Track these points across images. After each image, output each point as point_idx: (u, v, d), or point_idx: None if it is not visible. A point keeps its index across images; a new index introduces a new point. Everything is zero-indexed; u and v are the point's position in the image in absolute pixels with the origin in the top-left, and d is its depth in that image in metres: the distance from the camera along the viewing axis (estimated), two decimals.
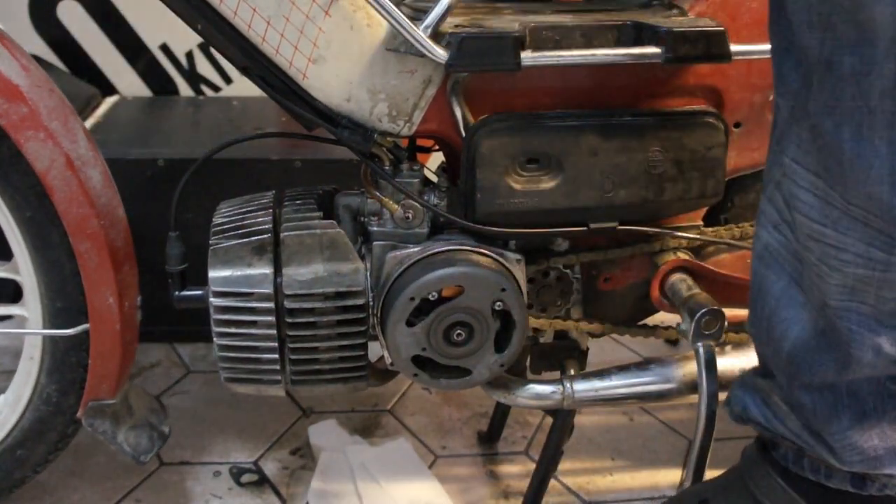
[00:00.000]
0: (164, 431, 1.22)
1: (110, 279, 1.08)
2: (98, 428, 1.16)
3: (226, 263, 1.02)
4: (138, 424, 1.19)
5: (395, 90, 0.99)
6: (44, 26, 1.70)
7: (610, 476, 1.41)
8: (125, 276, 1.10)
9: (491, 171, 1.00)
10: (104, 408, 1.16)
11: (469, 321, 1.02)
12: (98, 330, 1.10)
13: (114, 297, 1.09)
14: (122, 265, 1.10)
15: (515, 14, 1.06)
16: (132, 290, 1.12)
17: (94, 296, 1.08)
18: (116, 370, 1.13)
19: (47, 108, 1.03)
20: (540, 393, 1.11)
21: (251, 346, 1.04)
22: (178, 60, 1.74)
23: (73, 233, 1.05)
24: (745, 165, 1.11)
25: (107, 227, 1.07)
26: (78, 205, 1.04)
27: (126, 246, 1.11)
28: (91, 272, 1.07)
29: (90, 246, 1.06)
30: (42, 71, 1.07)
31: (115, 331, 1.10)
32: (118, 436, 1.17)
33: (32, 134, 1.01)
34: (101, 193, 1.07)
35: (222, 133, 1.59)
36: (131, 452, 1.18)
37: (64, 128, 1.04)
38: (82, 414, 1.15)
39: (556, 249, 1.10)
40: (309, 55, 0.96)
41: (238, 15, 0.94)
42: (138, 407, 1.21)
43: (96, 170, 1.07)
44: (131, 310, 1.12)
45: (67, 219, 1.05)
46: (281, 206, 1.08)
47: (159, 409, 1.24)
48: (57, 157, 1.03)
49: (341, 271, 1.02)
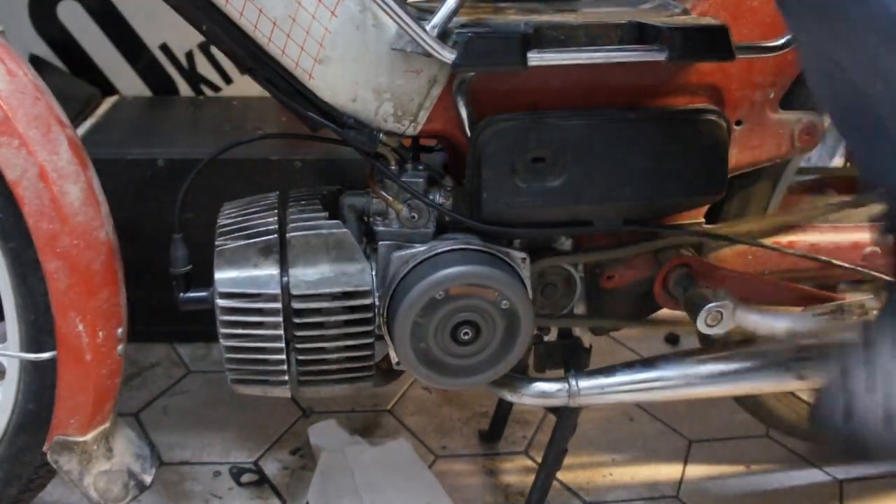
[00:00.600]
0: (145, 481, 1.12)
1: (82, 305, 1.01)
2: (63, 466, 1.07)
3: (232, 264, 1.02)
4: (114, 469, 1.10)
5: (401, 90, 0.99)
6: (44, 26, 1.70)
7: (610, 475, 1.41)
8: (102, 304, 1.03)
9: (496, 171, 1.00)
10: (72, 445, 1.07)
11: (475, 320, 1.02)
12: (66, 358, 1.03)
13: (84, 324, 1.01)
14: (99, 291, 1.02)
15: (519, 13, 1.07)
16: (111, 320, 1.04)
17: (62, 321, 1.01)
18: (89, 405, 1.05)
19: (27, 115, 0.98)
20: (546, 391, 1.12)
21: (258, 348, 1.03)
22: (178, 60, 1.73)
23: (42, 249, 0.99)
24: (746, 163, 1.12)
25: (81, 247, 1.00)
26: (49, 220, 0.98)
27: (106, 270, 1.03)
28: (59, 294, 1.00)
29: (59, 265, 0.99)
30: (33, 77, 1.02)
31: (85, 361, 1.03)
32: (85, 478, 1.08)
33: (5, 140, 0.96)
34: (79, 211, 1.00)
35: (222, 133, 1.59)
36: (97, 499, 1.09)
37: (44, 137, 0.98)
38: (47, 448, 1.07)
39: (560, 248, 1.10)
40: (315, 56, 0.96)
41: (244, 16, 0.94)
42: (121, 451, 1.12)
43: (77, 185, 1.00)
44: (108, 341, 1.04)
45: (36, 234, 0.99)
46: (286, 206, 1.08)
47: (147, 456, 1.14)
48: (30, 167, 0.97)
49: (348, 271, 1.02)
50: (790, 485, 1.41)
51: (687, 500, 1.37)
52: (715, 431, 1.52)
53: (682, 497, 1.37)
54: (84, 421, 1.07)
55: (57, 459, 1.08)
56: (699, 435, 1.51)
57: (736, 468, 1.44)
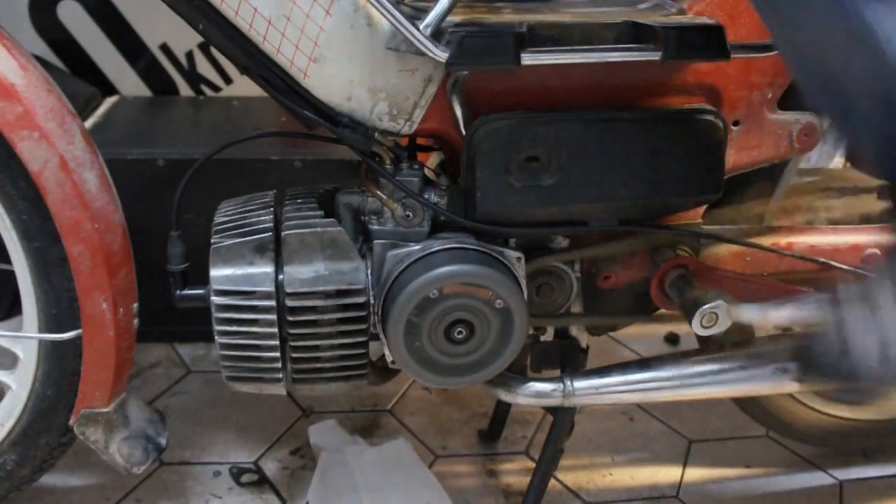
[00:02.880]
0: (161, 443, 1.19)
1: (104, 284, 1.06)
2: (90, 437, 1.14)
3: (227, 262, 1.02)
4: (133, 435, 1.17)
5: (396, 89, 0.99)
6: (44, 26, 1.70)
7: (610, 476, 1.41)
8: (120, 282, 1.08)
9: (491, 170, 1.00)
10: (97, 416, 1.14)
11: (469, 319, 1.02)
12: (91, 336, 1.09)
13: (107, 302, 1.07)
14: (118, 270, 1.08)
15: (514, 13, 1.07)
16: (129, 297, 1.10)
17: (86, 301, 1.07)
18: (110, 378, 1.11)
19: (44, 108, 1.02)
20: (540, 390, 1.12)
21: (252, 345, 1.04)
22: (178, 60, 1.74)
23: (66, 235, 1.04)
24: (744, 164, 1.12)
25: (101, 230, 1.05)
26: (71, 207, 1.03)
27: (122, 251, 1.09)
28: (84, 276, 1.06)
29: (83, 249, 1.04)
30: (41, 71, 1.06)
31: (108, 337, 1.09)
32: (110, 446, 1.15)
33: (27, 134, 1.00)
34: (97, 196, 1.05)
35: (222, 133, 1.59)
36: (123, 464, 1.16)
37: (60, 128, 1.03)
38: (74, 422, 1.14)
39: (555, 248, 1.10)
40: (310, 54, 0.97)
41: (239, 15, 0.95)
42: (135, 417, 1.19)
43: (93, 172, 1.05)
44: (127, 316, 1.10)
45: (60, 221, 1.03)
46: (282, 205, 1.08)
47: (158, 420, 1.22)
48: (51, 157, 1.01)
49: (342, 270, 1.02)
50: (790, 485, 1.40)
51: (687, 500, 1.36)
52: (715, 431, 1.51)
53: (682, 497, 1.37)
54: (107, 393, 1.13)
55: (84, 431, 1.14)
56: (699, 435, 1.50)
57: (736, 468, 1.44)
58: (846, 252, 1.17)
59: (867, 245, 1.17)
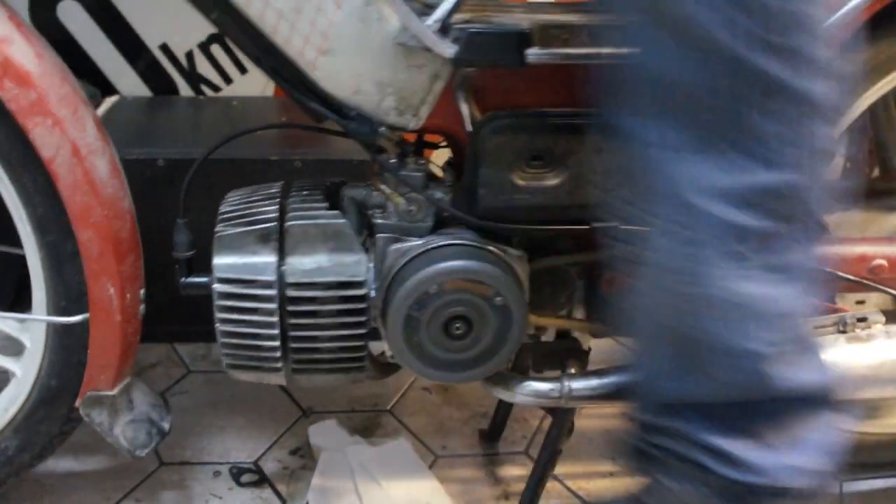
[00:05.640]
0: (164, 427, 1.21)
1: (112, 269, 1.07)
2: (95, 419, 1.16)
3: (231, 250, 1.03)
4: (137, 419, 1.19)
5: (404, 84, 1.00)
6: (44, 26, 1.68)
7: (611, 477, 1.41)
8: (128, 268, 1.10)
9: (495, 168, 1.00)
10: (102, 399, 1.15)
11: (468, 315, 1.03)
12: (98, 320, 1.10)
13: (115, 287, 1.08)
14: (126, 256, 1.09)
15: (525, 12, 1.07)
16: (136, 282, 1.12)
17: (94, 285, 1.08)
18: (116, 362, 1.13)
19: (57, 95, 1.03)
20: (538, 390, 1.11)
21: (253, 333, 1.04)
22: (178, 60, 1.73)
23: (76, 221, 1.05)
24: None
25: (111, 217, 1.06)
26: (82, 193, 1.04)
27: (131, 237, 1.10)
28: (92, 261, 1.07)
29: (93, 235, 1.06)
30: (57, 59, 1.07)
31: (115, 322, 1.10)
32: (115, 429, 1.16)
33: (40, 120, 1.02)
34: (108, 183, 1.07)
35: (222, 133, 1.59)
36: (127, 447, 1.17)
37: (73, 116, 1.04)
38: (80, 404, 1.15)
39: (558, 247, 1.10)
40: (319, 47, 0.97)
41: (251, 4, 0.96)
42: (139, 401, 1.20)
43: (104, 159, 1.07)
44: (134, 302, 1.12)
45: (71, 207, 1.05)
46: (288, 196, 1.09)
47: (161, 405, 1.23)
48: (63, 144, 1.02)
49: (344, 262, 1.03)
50: None
51: None
52: None
53: None
54: (112, 376, 1.14)
55: (89, 413, 1.16)
56: None
57: None
58: (853, 262, 1.17)
59: (874, 256, 1.17)
